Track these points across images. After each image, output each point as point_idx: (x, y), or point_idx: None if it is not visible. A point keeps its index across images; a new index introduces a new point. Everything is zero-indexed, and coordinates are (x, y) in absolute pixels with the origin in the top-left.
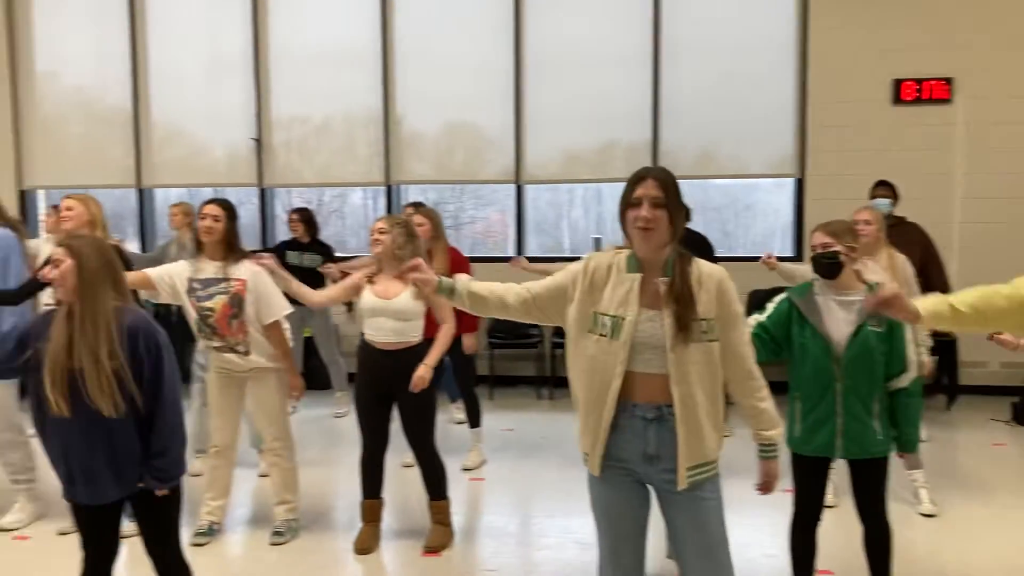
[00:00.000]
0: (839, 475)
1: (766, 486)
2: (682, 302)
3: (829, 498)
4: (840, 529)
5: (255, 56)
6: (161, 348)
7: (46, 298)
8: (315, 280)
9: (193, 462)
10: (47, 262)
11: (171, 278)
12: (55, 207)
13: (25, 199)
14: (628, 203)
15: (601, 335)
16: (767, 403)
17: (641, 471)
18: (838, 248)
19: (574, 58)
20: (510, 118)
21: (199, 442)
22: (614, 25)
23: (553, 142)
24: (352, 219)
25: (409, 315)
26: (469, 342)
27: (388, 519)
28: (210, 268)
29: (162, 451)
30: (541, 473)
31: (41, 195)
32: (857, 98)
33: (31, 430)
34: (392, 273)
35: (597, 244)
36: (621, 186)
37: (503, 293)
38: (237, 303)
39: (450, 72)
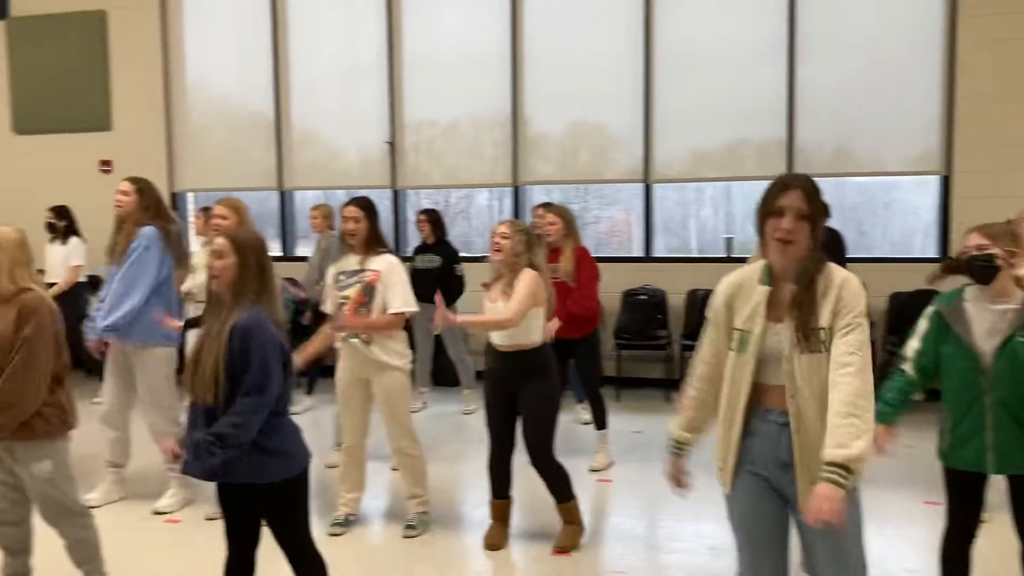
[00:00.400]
0: (993, 488)
1: (811, 514)
2: (804, 310)
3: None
4: (995, 546)
5: (389, 61)
6: (250, 350)
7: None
8: (432, 282)
9: (331, 454)
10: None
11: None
12: (205, 209)
13: (176, 201)
14: (769, 211)
15: (732, 349)
16: (843, 419)
17: (775, 478)
18: (995, 251)
19: (705, 54)
20: (637, 116)
21: (338, 435)
22: (747, 19)
23: (682, 140)
24: (478, 220)
25: None
26: (550, 325)
27: (517, 516)
28: (353, 261)
29: (211, 437)
30: None
31: (190, 197)
32: (1012, 89)
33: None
34: (507, 279)
35: (728, 244)
36: (751, 185)
37: (698, 393)
38: (369, 292)
39: (578, 72)
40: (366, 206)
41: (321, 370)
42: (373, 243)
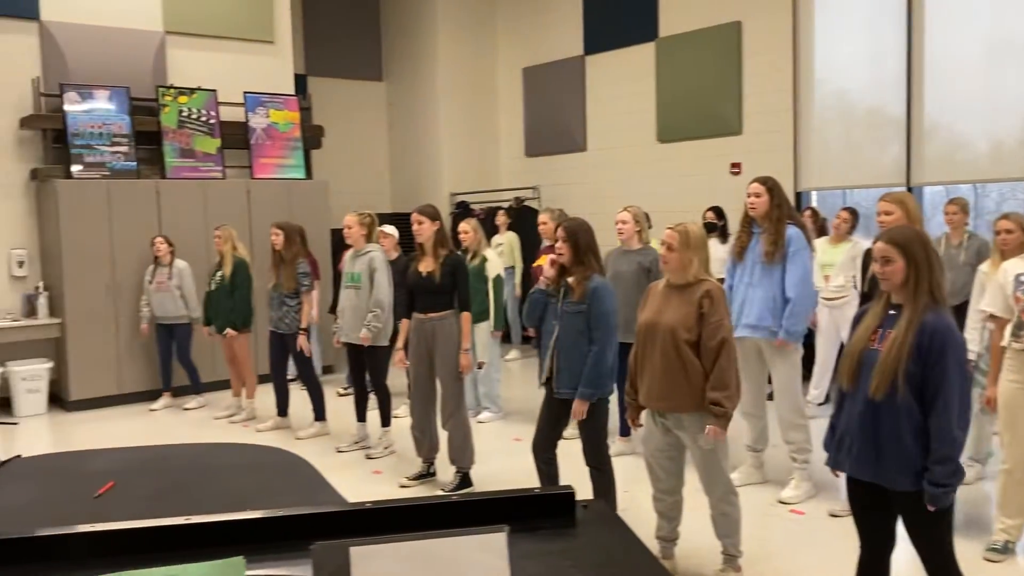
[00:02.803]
0: None
1: None
2: None
3: None
4: None
5: None
6: (946, 354)
7: (826, 293)
8: None
9: (968, 470)
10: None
11: (999, 287)
12: (846, 209)
13: (799, 200)
14: None
15: None
16: None
17: None
18: None
19: None
20: None
21: (974, 450)
22: None
23: None
24: None
25: None
26: None
27: None
28: None
29: (939, 458)
30: None
31: (813, 196)
32: None
33: (809, 412)
34: None
35: None
36: None
37: None
38: None
39: None
40: None
41: None
42: None
